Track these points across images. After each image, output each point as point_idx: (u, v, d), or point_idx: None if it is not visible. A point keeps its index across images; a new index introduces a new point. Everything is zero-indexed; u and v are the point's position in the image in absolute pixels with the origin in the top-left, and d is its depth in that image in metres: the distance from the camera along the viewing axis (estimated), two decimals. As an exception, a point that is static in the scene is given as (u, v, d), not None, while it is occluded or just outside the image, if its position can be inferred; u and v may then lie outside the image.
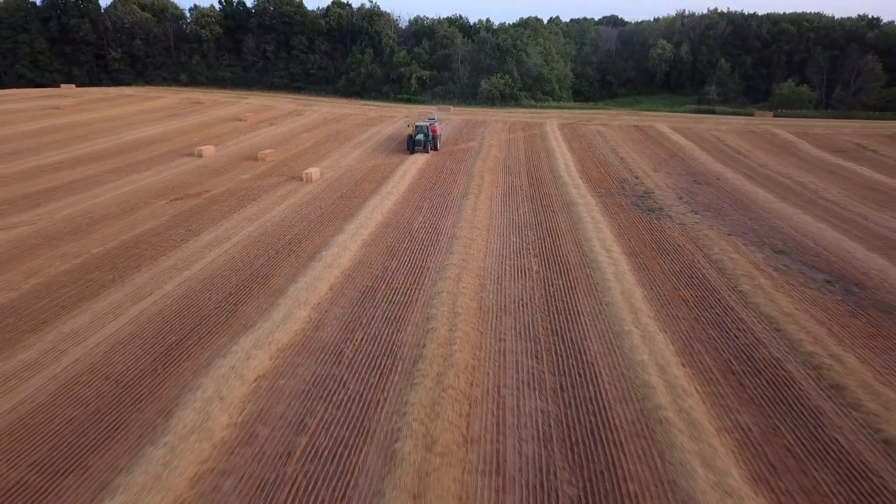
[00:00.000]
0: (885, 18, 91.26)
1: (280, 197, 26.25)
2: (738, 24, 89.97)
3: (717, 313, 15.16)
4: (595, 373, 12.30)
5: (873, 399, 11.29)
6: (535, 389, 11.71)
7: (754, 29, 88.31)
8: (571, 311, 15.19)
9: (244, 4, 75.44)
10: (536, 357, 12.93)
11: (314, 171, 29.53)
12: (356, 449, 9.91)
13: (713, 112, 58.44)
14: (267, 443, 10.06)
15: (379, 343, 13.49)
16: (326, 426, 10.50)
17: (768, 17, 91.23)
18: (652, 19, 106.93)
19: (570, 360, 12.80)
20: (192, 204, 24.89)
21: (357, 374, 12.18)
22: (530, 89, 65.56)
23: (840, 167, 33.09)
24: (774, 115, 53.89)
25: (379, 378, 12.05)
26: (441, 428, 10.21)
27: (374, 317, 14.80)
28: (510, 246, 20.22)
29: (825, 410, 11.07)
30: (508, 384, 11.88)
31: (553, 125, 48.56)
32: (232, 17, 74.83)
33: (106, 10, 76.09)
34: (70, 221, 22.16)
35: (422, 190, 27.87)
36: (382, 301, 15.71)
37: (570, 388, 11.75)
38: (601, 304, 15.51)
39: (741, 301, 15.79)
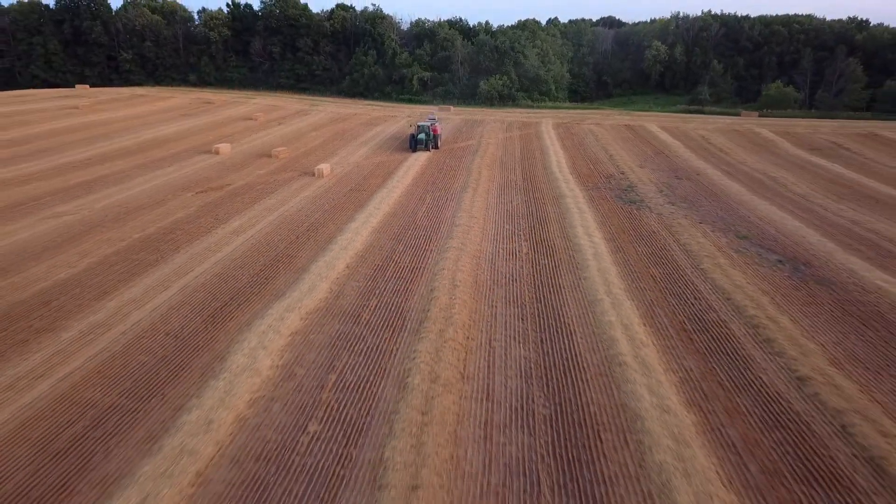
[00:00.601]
0: (875, 20, 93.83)
1: (295, 190, 28.78)
2: (731, 26, 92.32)
3: (678, 286, 17.70)
4: (570, 331, 14.84)
5: (795, 349, 13.82)
6: (519, 342, 14.25)
7: (746, 31, 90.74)
8: (554, 285, 17.73)
9: (251, 7, 77.90)
10: (522, 319, 15.47)
11: (325, 167, 32.06)
12: (376, 382, 12.46)
13: (702, 112, 60.90)
14: (304, 379, 12.60)
15: (390, 308, 16.03)
16: (351, 367, 13.05)
17: (760, 19, 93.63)
18: (648, 20, 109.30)
19: (550, 321, 15.33)
20: (215, 196, 27.43)
21: (373, 331, 14.73)
22: (527, 90, 68.05)
23: (812, 164, 35.61)
24: (760, 115, 56.40)
25: (391, 333, 14.59)
26: (443, 368, 12.75)
27: (385, 289, 17.33)
28: (503, 232, 22.76)
29: (755, 357, 13.61)
30: (498, 338, 14.42)
31: (548, 124, 51.06)
32: (239, 20, 77.28)
33: (117, 12, 78.58)
34: (109, 211, 24.70)
35: (424, 184, 30.40)
36: (392, 276, 18.25)
37: (548, 342, 14.29)
38: (580, 278, 18.05)
39: (701, 276, 18.33)
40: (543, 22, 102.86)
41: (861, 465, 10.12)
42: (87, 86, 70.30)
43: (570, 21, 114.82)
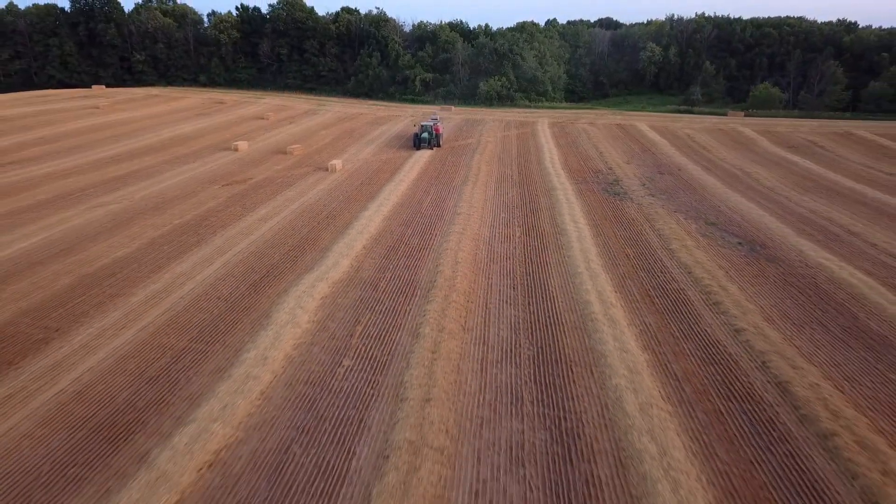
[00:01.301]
0: (866, 21, 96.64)
1: (311, 183, 31.75)
2: (724, 28, 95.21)
3: (648, 263, 20.66)
4: (553, 296, 17.80)
5: (738, 309, 16.77)
6: (510, 304, 17.21)
7: (738, 33, 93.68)
8: (541, 262, 20.70)
9: (259, 11, 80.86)
10: (513, 288, 18.44)
11: (337, 163, 35.03)
12: (394, 333, 15.42)
13: (691, 112, 63.81)
14: (335, 330, 15.57)
15: (402, 279, 19.00)
16: (373, 322, 16.01)
17: (752, 21, 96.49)
18: (644, 22, 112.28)
19: (537, 289, 18.30)
20: (240, 188, 30.40)
21: (389, 296, 17.69)
22: (525, 90, 70.99)
23: (786, 160, 38.56)
24: (746, 115, 59.35)
25: (405, 298, 17.56)
26: (448, 322, 15.71)
27: (397, 265, 20.30)
28: (499, 219, 25.72)
29: (703, 315, 16.58)
30: (493, 302, 17.39)
31: (544, 124, 54.01)
32: (248, 23, 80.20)
33: (129, 14, 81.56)
34: (148, 201, 27.68)
35: (428, 178, 33.35)
36: (402, 255, 21.21)
37: (534, 304, 17.26)
38: (564, 257, 21.01)
39: (668, 255, 21.30)
40: (543, 23, 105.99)
41: (771, 388, 13.08)
42: (104, 86, 73.30)
43: (569, 22, 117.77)
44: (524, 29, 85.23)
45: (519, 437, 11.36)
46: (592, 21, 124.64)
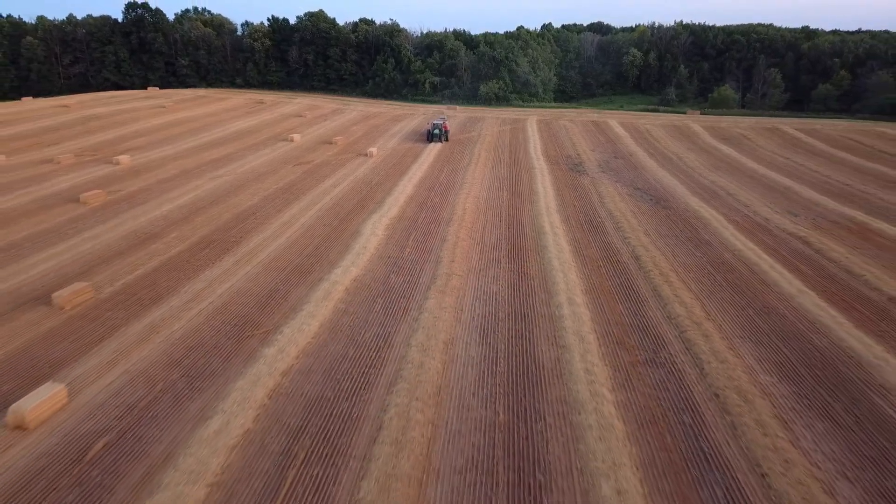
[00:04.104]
0: (831, 26, 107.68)
1: (357, 164, 43.48)
2: (698, 35, 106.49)
3: (587, 209, 32.41)
4: (522, 225, 29.52)
5: (631, 232, 28.50)
6: (496, 228, 28.97)
7: (711, 39, 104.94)
8: (518, 209, 32.44)
9: (288, 21, 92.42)
10: (499, 221, 30.20)
11: (373, 150, 46.76)
12: (430, 241, 27.19)
13: (658, 111, 75.26)
14: (398, 239, 27.32)
15: (431, 218, 30.70)
16: (416, 239, 27.75)
17: (724, 28, 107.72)
18: (629, 27, 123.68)
19: (513, 223, 30.04)
20: (308, 167, 42.17)
21: (425, 225, 29.44)
22: (519, 92, 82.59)
23: (715, 148, 50.25)
24: (701, 113, 70.91)
25: (435, 225, 29.31)
26: (461, 235, 27.45)
27: (428, 210, 31.98)
28: (493, 187, 37.47)
29: (610, 232, 28.32)
30: (487, 228, 29.13)
31: (533, 121, 65.69)
32: (278, 32, 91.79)
33: (173, 24, 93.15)
34: (248, 175, 39.42)
35: (441, 161, 45.07)
36: (430, 206, 32.93)
37: (511, 228, 28.99)
38: (533, 206, 32.76)
39: (601, 205, 33.06)
40: (539, 27, 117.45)
41: (632, 260, 24.82)
42: (157, 87, 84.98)
43: (563, 26, 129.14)
44: (519, 37, 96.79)
45: (494, 239, 23.12)
46: (585, 25, 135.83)
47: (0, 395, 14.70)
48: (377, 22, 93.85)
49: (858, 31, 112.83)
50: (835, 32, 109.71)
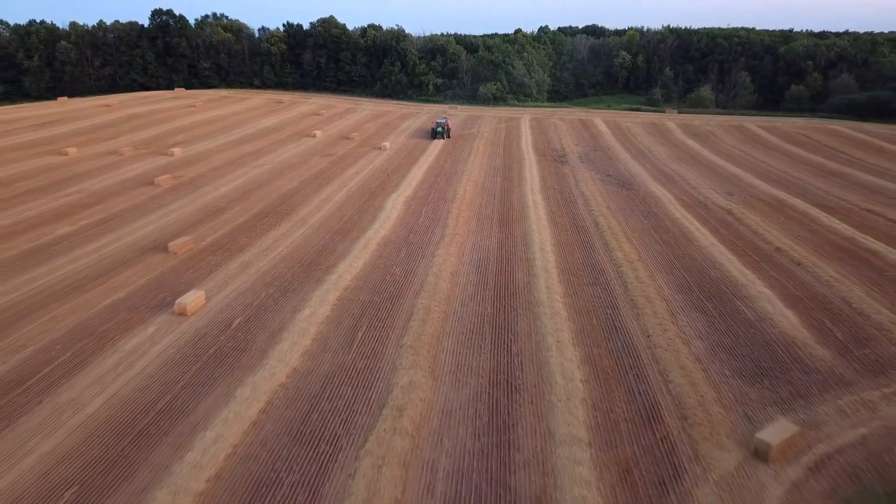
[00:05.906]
0: (811, 27, 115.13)
1: (374, 156, 51.07)
2: (684, 38, 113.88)
3: (564, 190, 40.04)
4: (510, 202, 37.10)
5: (597, 207, 36.09)
6: (490, 205, 36.57)
7: (695, 42, 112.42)
8: (509, 191, 40.04)
9: (302, 27, 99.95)
10: (492, 199, 37.81)
11: (386, 144, 54.36)
12: (439, 214, 34.80)
13: (640, 110, 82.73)
14: (414, 210, 34.92)
15: (438, 196, 38.30)
16: (427, 212, 35.35)
17: (707, 32, 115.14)
18: (625, 28, 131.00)
19: (504, 201, 37.65)
20: (332, 158, 49.79)
21: (433, 202, 37.06)
22: (515, 93, 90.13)
23: (683, 143, 57.82)
24: (679, 112, 78.42)
25: (442, 202, 36.92)
26: (462, 209, 35.06)
27: (435, 191, 39.59)
28: (489, 174, 45.09)
29: (580, 206, 35.92)
30: (483, 205, 36.74)
31: (526, 119, 73.26)
32: (293, 37, 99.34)
33: (195, 29, 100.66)
34: (283, 165, 47.01)
35: (445, 154, 52.68)
36: (436, 188, 40.54)
37: (502, 205, 36.58)
38: (522, 188, 40.35)
39: (576, 188, 40.69)
40: (536, 29, 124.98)
41: (591, 222, 32.43)
42: (183, 88, 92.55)
43: (560, 29, 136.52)
44: (516, 40, 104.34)
45: (489, 212, 30.74)
46: (581, 27, 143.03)
47: (158, 301, 22.36)
48: (384, 27, 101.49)
49: (834, 34, 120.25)
50: (809, 35, 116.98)
